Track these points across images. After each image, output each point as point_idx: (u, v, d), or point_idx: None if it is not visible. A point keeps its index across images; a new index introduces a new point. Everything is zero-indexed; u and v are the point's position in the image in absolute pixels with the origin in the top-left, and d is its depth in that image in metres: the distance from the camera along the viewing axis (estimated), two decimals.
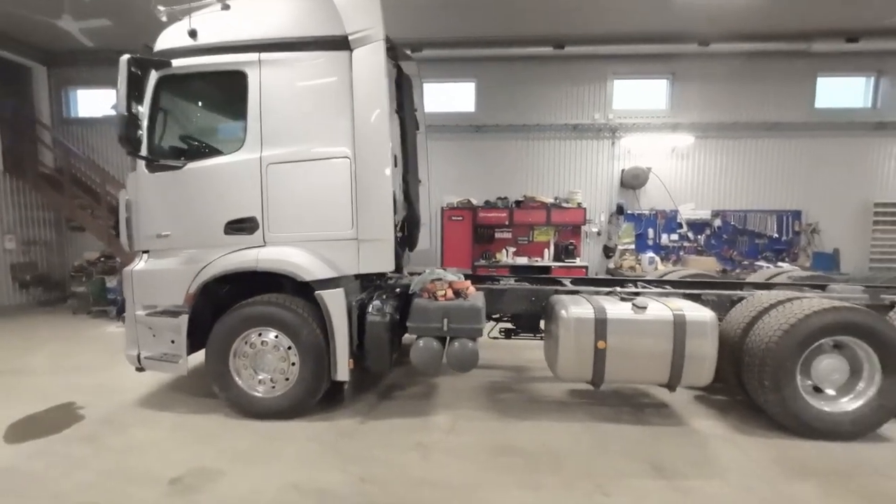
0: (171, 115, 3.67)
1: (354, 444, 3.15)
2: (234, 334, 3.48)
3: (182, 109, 3.77)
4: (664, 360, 3.30)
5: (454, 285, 3.81)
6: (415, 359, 3.48)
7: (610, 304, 3.47)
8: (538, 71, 8.09)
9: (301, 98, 3.46)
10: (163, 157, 3.58)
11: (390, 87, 4.85)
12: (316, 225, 3.50)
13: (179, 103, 3.73)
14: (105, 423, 3.48)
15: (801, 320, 3.12)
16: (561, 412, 3.69)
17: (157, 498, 2.51)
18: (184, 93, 3.71)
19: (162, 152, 3.60)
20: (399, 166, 5.23)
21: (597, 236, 8.39)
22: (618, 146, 8.25)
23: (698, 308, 3.43)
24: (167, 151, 3.63)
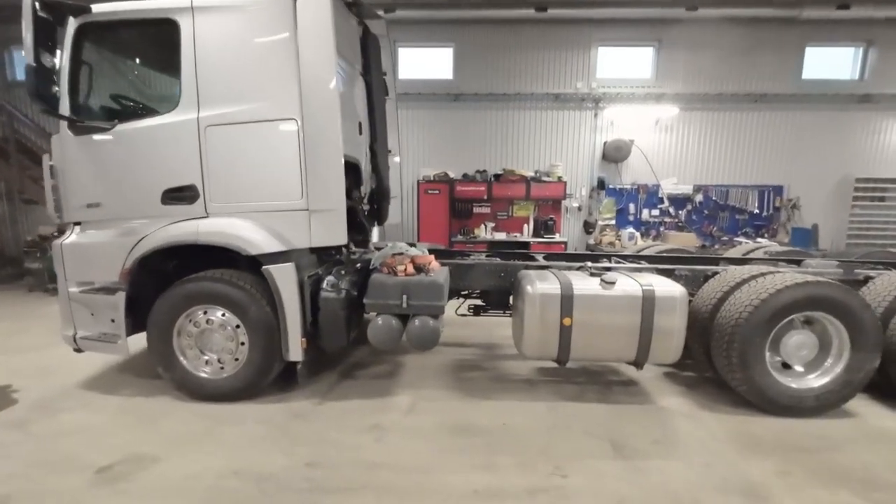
0: (97, 69, 3.27)
1: (306, 427, 2.99)
2: (176, 312, 3.23)
3: (108, 63, 3.38)
4: (632, 337, 3.17)
5: (416, 260, 3.59)
6: (372, 337, 3.29)
7: (578, 280, 3.31)
8: (520, 36, 7.66)
9: (242, 52, 3.10)
10: (88, 117, 3.21)
11: (351, 45, 4.48)
12: (262, 194, 3.21)
13: (105, 56, 3.34)
14: (39, 407, 3.25)
15: (772, 295, 3.01)
16: (526, 391, 3.58)
17: (80, 488, 2.32)
18: (109, 44, 3.31)
19: (87, 112, 3.23)
20: (365, 134, 4.93)
21: (577, 211, 8.21)
22: (600, 117, 7.96)
23: (669, 283, 3.29)
24: (93, 111, 3.26)
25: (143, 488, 2.33)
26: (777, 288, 3.02)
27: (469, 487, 2.35)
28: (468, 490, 2.33)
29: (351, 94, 4.50)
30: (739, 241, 7.24)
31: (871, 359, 3.04)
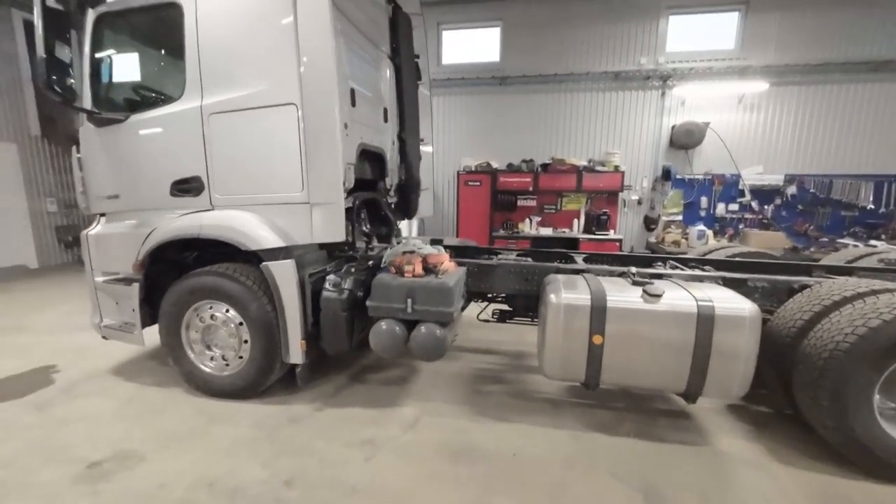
0: (113, 60, 3.29)
1: (298, 434, 2.78)
2: (184, 305, 3.19)
3: (124, 53, 3.38)
4: (681, 364, 2.55)
5: (428, 259, 3.23)
6: (374, 343, 3.00)
7: (615, 289, 2.74)
8: (574, 9, 6.85)
9: (242, 33, 2.92)
10: (109, 108, 3.24)
11: (377, 25, 4.19)
12: (264, 186, 3.03)
13: (121, 46, 3.34)
14: (65, 390, 3.40)
15: (888, 323, 2.22)
16: (549, 414, 3.08)
17: (64, 484, 2.30)
18: (123, 33, 3.31)
19: (107, 103, 3.26)
20: (393, 122, 4.64)
21: (637, 205, 7.28)
22: (669, 97, 6.92)
23: (736, 298, 2.60)
24: (111, 102, 3.28)
25: (117, 494, 2.24)
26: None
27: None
28: None
29: (374, 78, 4.21)
30: (845, 244, 5.93)
31: None
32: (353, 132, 3.55)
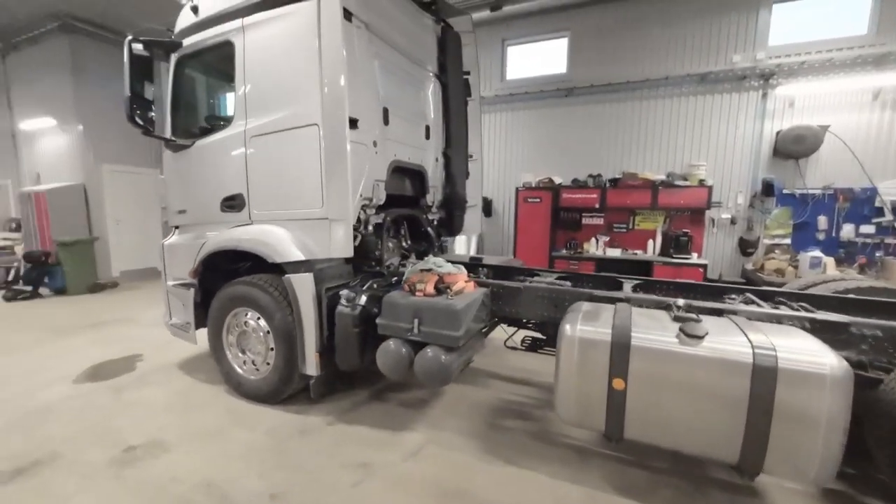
0: (188, 94, 3.81)
1: (303, 448, 2.81)
2: (225, 311, 3.48)
3: (196, 88, 3.90)
4: (728, 427, 2.02)
5: (445, 279, 3.08)
6: (379, 362, 2.93)
7: (648, 324, 2.30)
8: (652, 9, 6.19)
9: (276, 60, 3.16)
10: (183, 135, 3.74)
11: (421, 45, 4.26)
12: (292, 202, 3.21)
13: (194, 82, 3.86)
14: (139, 378, 3.93)
15: None
16: (569, 464, 2.66)
17: (101, 464, 2.60)
18: (196, 71, 3.82)
19: (181, 131, 3.77)
20: (437, 139, 4.64)
21: (729, 225, 6.17)
22: (772, 98, 5.80)
23: (817, 349, 1.98)
24: (185, 130, 3.78)
25: (136, 481, 2.46)
26: None
27: None
28: None
29: (416, 97, 4.27)
30: None
31: None
32: (384, 150, 3.63)
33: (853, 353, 2.31)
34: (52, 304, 6.98)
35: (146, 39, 3.38)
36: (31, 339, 5.08)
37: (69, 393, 3.62)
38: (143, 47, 3.34)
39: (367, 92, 3.38)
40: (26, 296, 7.22)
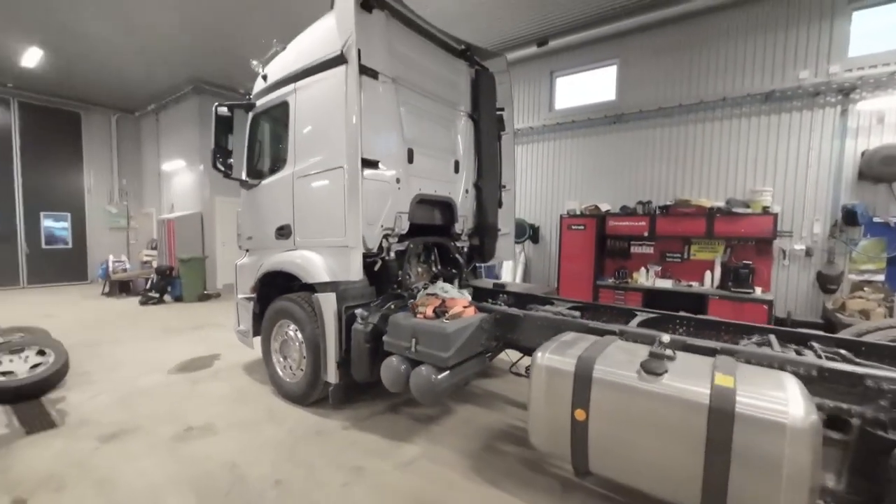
0: (259, 143, 4.68)
1: (314, 446, 3.22)
2: (272, 322, 4.15)
3: (264, 138, 4.74)
4: (688, 470, 1.95)
5: (447, 303, 3.35)
6: (382, 374, 3.27)
7: (616, 357, 2.32)
8: (705, 28, 5.87)
9: (316, 116, 3.80)
10: (255, 177, 4.60)
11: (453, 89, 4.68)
12: (324, 231, 3.76)
13: (263, 134, 4.71)
14: (213, 374, 4.77)
15: None
16: (550, 493, 2.68)
17: (166, 438, 3.30)
18: (264, 125, 4.67)
19: (253, 173, 4.64)
20: (469, 171, 4.98)
21: (804, 257, 5.39)
22: (854, 114, 5.06)
23: (784, 398, 1.85)
24: (255, 172, 4.63)
25: (184, 453, 3.09)
26: None
27: None
28: None
29: (445, 135, 4.68)
30: None
31: None
32: (408, 185, 4.07)
33: (870, 409, 2.06)
34: (170, 309, 8.62)
35: (229, 104, 4.31)
36: (148, 335, 6.40)
37: (161, 380, 4.55)
38: (226, 110, 4.27)
39: (391, 136, 3.87)
40: (154, 301, 9.01)
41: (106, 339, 6.22)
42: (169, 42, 8.05)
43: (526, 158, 7.96)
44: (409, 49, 4.17)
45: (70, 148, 11.90)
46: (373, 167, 3.62)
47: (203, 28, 7.41)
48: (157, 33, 7.67)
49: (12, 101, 10.84)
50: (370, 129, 3.61)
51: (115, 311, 8.51)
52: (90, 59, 8.95)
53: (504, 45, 7.32)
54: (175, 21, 7.19)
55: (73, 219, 11.96)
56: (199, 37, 7.79)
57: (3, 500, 2.54)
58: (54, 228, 11.69)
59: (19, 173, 11.06)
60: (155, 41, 8.00)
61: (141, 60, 8.95)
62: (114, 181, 12.53)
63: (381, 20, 3.80)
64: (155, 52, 8.52)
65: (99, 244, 12.17)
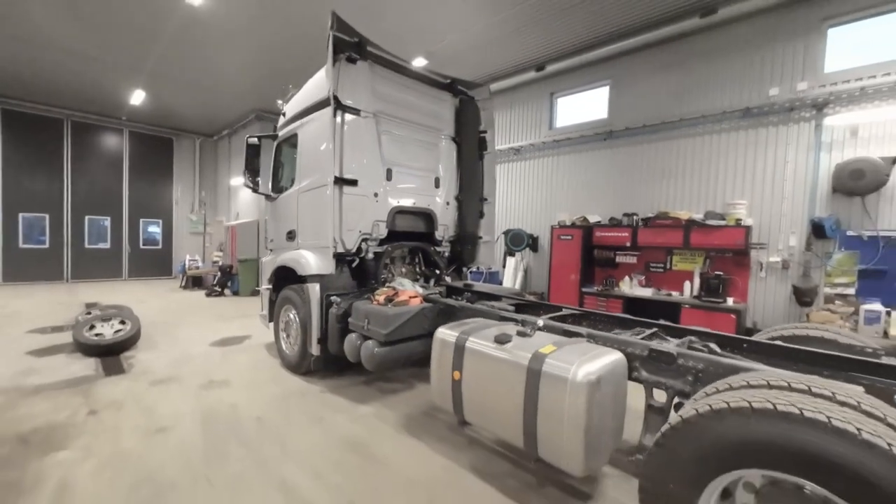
0: (282, 166, 5.86)
1: (296, 402, 4.17)
2: (279, 307, 5.24)
3: (283, 162, 5.92)
4: (514, 417, 2.59)
5: (399, 294, 4.18)
6: (345, 347, 4.15)
7: (485, 333, 2.98)
8: (691, 47, 6.13)
9: (313, 144, 4.84)
10: (277, 192, 5.79)
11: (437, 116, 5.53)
12: (315, 235, 4.77)
13: (283, 158, 5.89)
14: (241, 348, 6.00)
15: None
16: (456, 447, 3.35)
17: (194, 387, 4.45)
18: (284, 152, 5.84)
19: (276, 189, 5.82)
20: (450, 186, 5.77)
21: (781, 270, 5.38)
22: (827, 129, 5.05)
23: (578, 361, 2.41)
24: (278, 189, 5.81)
25: (202, 396, 4.21)
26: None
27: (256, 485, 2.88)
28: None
29: (426, 156, 5.53)
30: None
31: None
32: (386, 199, 4.97)
33: (680, 382, 2.53)
34: (227, 301, 10.31)
35: (260, 136, 5.55)
36: (204, 320, 7.92)
37: (203, 351, 5.84)
38: (257, 140, 5.51)
39: (371, 159, 4.81)
40: (217, 294, 10.79)
41: (175, 320, 7.82)
42: (237, 79, 9.85)
43: (528, 173, 8.54)
44: (392, 88, 5.10)
45: (164, 167, 14.51)
46: (352, 185, 4.58)
47: (261, 66, 9.04)
48: (228, 72, 9.47)
49: (124, 130, 13.57)
50: (352, 154, 4.59)
51: (186, 300, 10.38)
52: (180, 96, 11.12)
53: (507, 72, 8.06)
54: (241, 62, 8.89)
55: (164, 224, 14.51)
56: (258, 74, 9.48)
57: (84, 410, 3.79)
58: (150, 232, 14.27)
59: (127, 188, 13.74)
60: (226, 79, 9.85)
61: (217, 95, 10.94)
62: (195, 194, 14.98)
63: (365, 68, 4.78)
64: (227, 88, 10.42)
65: (182, 246, 14.60)
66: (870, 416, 1.53)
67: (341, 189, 4.52)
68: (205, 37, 7.80)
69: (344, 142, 4.55)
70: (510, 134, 8.79)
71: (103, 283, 12.83)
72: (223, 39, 7.90)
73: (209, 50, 8.32)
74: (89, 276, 13.07)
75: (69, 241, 12.80)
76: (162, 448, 3.21)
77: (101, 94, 11.06)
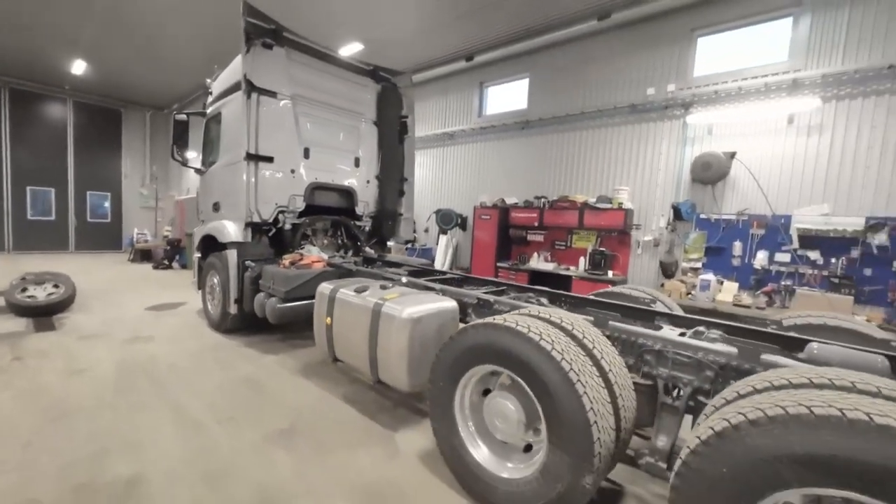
0: (211, 142, 6.22)
1: (210, 353, 4.70)
2: (205, 273, 5.72)
3: (212, 138, 6.29)
4: (363, 349, 3.24)
5: (304, 258, 4.76)
6: (254, 305, 4.72)
7: (352, 286, 3.59)
8: (593, 48, 6.84)
9: (232, 123, 5.27)
10: (206, 166, 6.17)
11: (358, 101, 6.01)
12: (234, 207, 5.24)
13: (212, 134, 6.25)
14: (174, 312, 6.45)
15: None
16: (336, 383, 4.02)
17: (119, 341, 4.94)
18: (212, 128, 6.20)
19: (205, 164, 6.20)
20: (371, 167, 6.31)
21: (653, 247, 6.28)
22: (692, 126, 5.89)
23: (410, 304, 3.07)
24: (206, 163, 6.19)
25: (126, 350, 4.70)
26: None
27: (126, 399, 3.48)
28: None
29: (347, 138, 6.03)
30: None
31: None
32: (302, 175, 5.46)
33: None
34: (174, 273, 10.58)
35: (188, 112, 5.90)
36: (146, 289, 8.25)
37: (138, 314, 6.27)
38: (185, 117, 5.86)
39: (288, 138, 5.28)
40: (164, 266, 11.02)
41: (115, 289, 8.13)
42: (185, 53, 9.90)
43: (460, 157, 9.17)
44: (311, 73, 5.55)
45: (112, 139, 14.29)
46: (268, 161, 5.07)
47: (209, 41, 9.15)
48: (175, 45, 9.52)
49: (68, 100, 13.27)
50: (268, 133, 5.05)
51: (132, 272, 10.58)
52: (125, 68, 11.03)
53: (440, 61, 8.57)
54: (188, 35, 8.97)
55: (112, 198, 14.38)
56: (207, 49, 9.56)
57: (8, 357, 4.23)
58: (98, 206, 14.13)
59: (72, 159, 13.51)
60: (174, 53, 9.89)
61: (164, 69, 10.93)
62: (146, 168, 14.86)
63: (282, 54, 5.21)
64: (176, 62, 10.44)
65: (132, 220, 14.54)
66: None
67: (256, 165, 5.00)
68: (145, 9, 7.91)
69: (260, 122, 5.01)
70: (445, 120, 9.36)
71: (48, 255, 12.74)
72: (165, 12, 8.02)
73: (151, 23, 8.40)
74: (33, 248, 12.93)
75: (9, 211, 12.58)
76: (77, 384, 3.73)
77: (40, 63, 10.84)
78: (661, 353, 2.34)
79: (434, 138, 9.48)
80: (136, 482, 2.43)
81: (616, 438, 2.01)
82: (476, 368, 2.42)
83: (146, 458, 2.67)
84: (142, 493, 2.34)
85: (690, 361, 2.23)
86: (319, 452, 2.86)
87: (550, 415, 2.05)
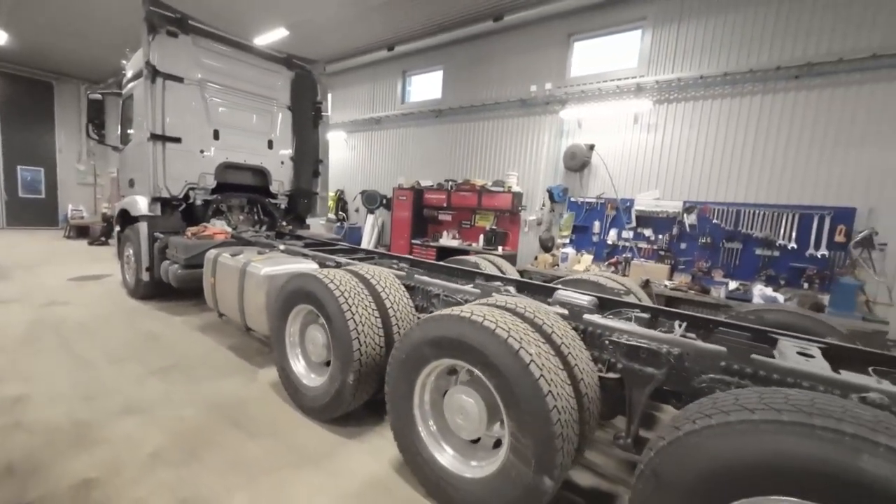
0: (126, 120, 6.59)
1: (122, 315, 5.26)
2: (122, 244, 6.21)
3: (128, 117, 6.65)
4: (235, 303, 3.93)
5: (207, 231, 5.34)
6: (161, 271, 5.30)
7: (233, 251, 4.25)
8: (489, 48, 7.63)
9: (141, 105, 5.70)
10: (123, 143, 6.54)
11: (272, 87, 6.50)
12: (145, 182, 5.72)
13: (126, 113, 6.60)
14: (97, 282, 6.87)
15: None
16: (226, 335, 4.70)
17: (35, 304, 5.39)
18: (127, 107, 6.56)
19: (123, 141, 6.57)
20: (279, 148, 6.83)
21: (537, 226, 7.24)
22: (566, 120, 6.81)
23: (271, 265, 3.77)
24: (124, 140, 6.56)
25: (41, 312, 5.18)
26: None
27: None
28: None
29: (259, 121, 6.54)
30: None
31: None
32: (213, 155, 5.97)
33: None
34: (108, 248, 10.76)
35: (103, 91, 6.23)
36: (75, 263, 8.53)
37: (60, 284, 6.65)
38: (100, 96, 6.19)
39: (196, 120, 5.77)
40: (100, 242, 11.16)
41: (43, 262, 8.36)
42: (117, 27, 9.87)
43: (385, 141, 9.81)
44: (221, 60, 6.01)
45: (44, 112, 13.91)
46: (176, 141, 5.56)
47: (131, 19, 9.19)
48: (103, 18, 9.48)
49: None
50: (175, 115, 5.52)
51: (66, 248, 10.69)
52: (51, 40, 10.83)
53: (364, 49, 9.08)
54: (116, 9, 8.99)
55: (47, 173, 14.10)
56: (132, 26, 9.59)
57: None
58: (30, 181, 13.84)
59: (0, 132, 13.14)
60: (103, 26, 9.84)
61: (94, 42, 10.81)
62: (82, 143, 14.56)
63: (188, 42, 5.64)
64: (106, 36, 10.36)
65: (70, 197, 14.31)
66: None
67: (163, 144, 5.49)
68: None
69: (166, 104, 5.47)
70: (373, 105, 9.92)
71: None
72: None
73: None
74: None
75: None
76: None
77: None
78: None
79: (363, 123, 10.02)
80: (22, 399, 3.06)
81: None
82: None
83: (36, 386, 3.29)
84: (26, 407, 2.99)
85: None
86: (190, 381, 3.57)
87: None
